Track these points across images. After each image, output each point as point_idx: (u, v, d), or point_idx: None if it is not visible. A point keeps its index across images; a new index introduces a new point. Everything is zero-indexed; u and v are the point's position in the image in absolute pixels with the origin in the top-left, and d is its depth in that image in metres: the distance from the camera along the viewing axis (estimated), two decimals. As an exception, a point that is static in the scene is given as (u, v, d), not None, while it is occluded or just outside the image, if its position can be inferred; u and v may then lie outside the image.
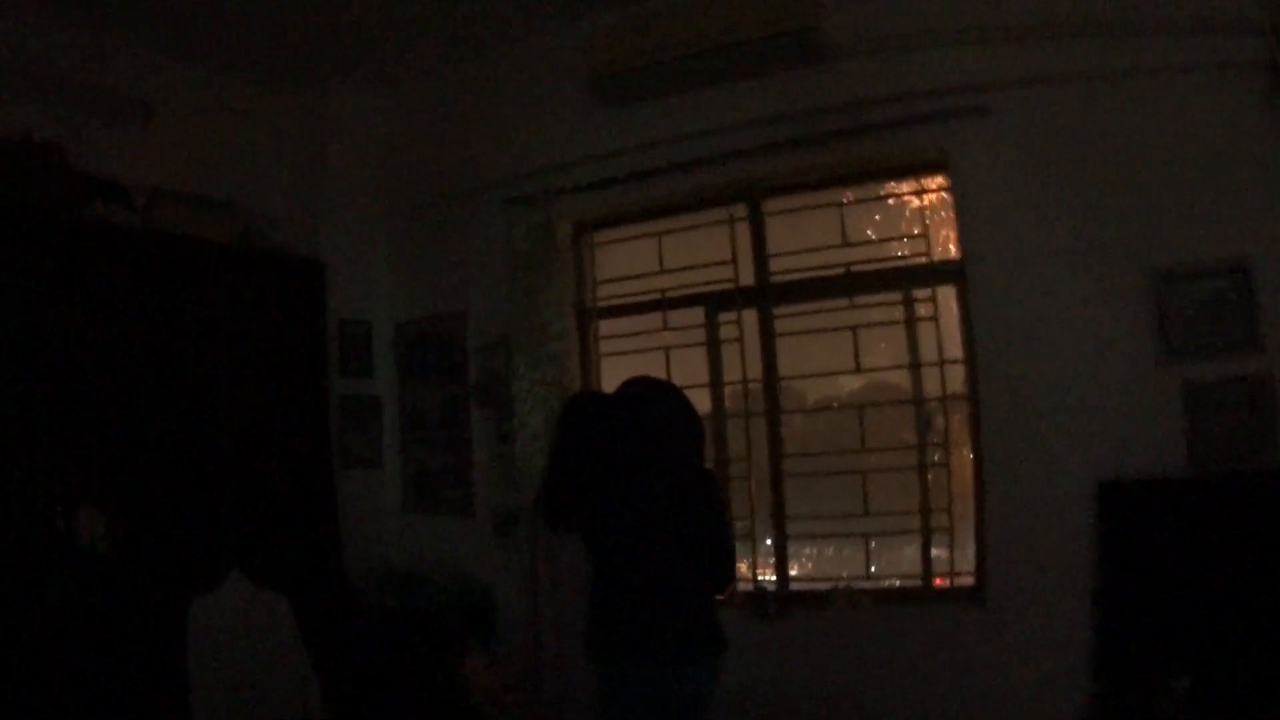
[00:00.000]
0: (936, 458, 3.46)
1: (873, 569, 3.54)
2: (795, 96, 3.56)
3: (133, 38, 3.71)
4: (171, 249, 3.56)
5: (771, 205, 3.76)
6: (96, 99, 3.60)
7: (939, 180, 3.54)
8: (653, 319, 3.89)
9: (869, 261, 3.64)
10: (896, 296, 3.56)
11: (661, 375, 3.52)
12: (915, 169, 3.57)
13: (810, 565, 3.75)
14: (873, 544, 3.55)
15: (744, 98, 3.64)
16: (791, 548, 3.64)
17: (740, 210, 3.79)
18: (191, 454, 3.48)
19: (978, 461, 3.31)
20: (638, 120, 3.81)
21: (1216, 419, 2.87)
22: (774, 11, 3.36)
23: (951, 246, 3.47)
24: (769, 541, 3.67)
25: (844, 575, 3.56)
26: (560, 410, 3.08)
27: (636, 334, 3.92)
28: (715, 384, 3.78)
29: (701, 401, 3.68)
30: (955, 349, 3.44)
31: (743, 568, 3.57)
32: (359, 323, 4.28)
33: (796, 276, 3.69)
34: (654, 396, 2.66)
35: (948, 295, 3.49)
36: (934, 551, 3.44)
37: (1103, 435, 3.01)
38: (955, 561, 3.41)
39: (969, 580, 3.34)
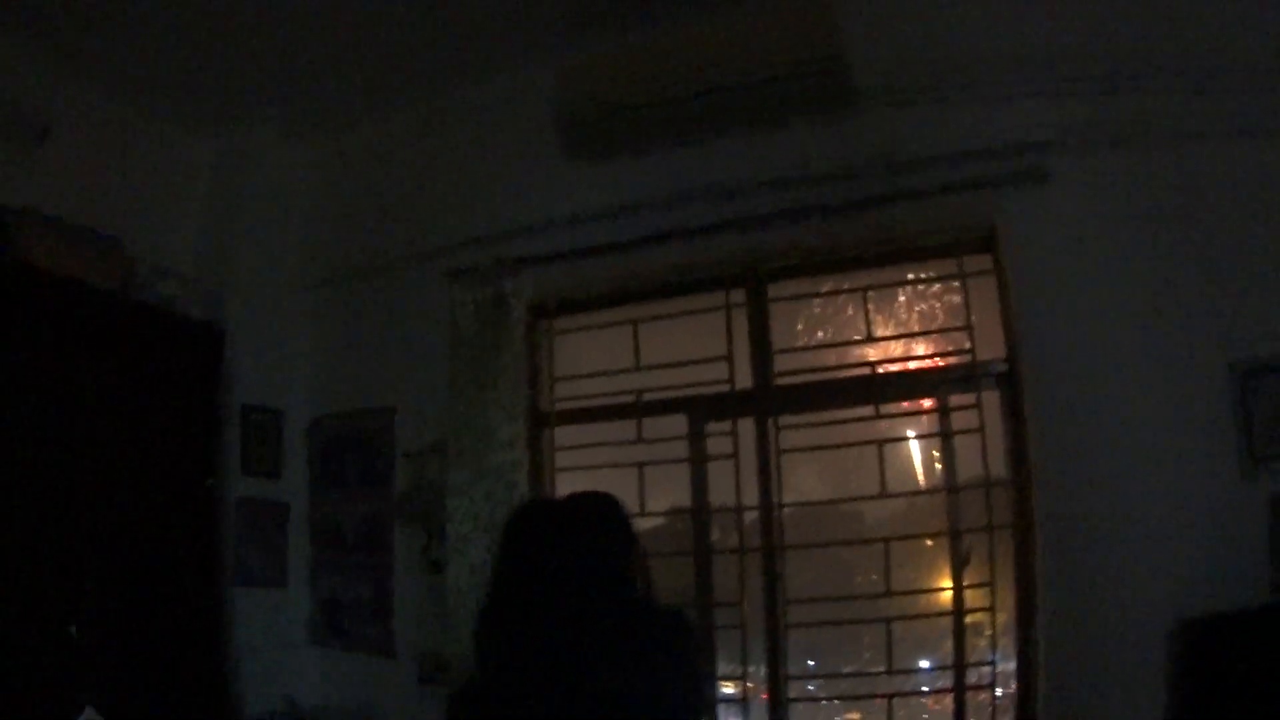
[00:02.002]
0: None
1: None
2: (811, 154, 2.97)
3: (35, 49, 3.26)
4: (30, 282, 2.93)
5: (777, 290, 3.11)
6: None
7: (984, 262, 2.95)
8: (624, 427, 3.18)
9: (896, 360, 3.04)
10: (930, 404, 2.95)
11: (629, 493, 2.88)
12: (956, 247, 2.95)
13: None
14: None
15: (748, 153, 3.04)
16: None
17: (739, 295, 3.13)
18: (39, 551, 2.81)
19: (1023, 603, 2.73)
20: (614, 178, 3.20)
21: None
22: (786, 40, 2.79)
23: (993, 343, 2.90)
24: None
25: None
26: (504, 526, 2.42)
27: (603, 445, 3.20)
28: (699, 510, 3.07)
29: (683, 532, 3.06)
30: (997, 466, 2.85)
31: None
32: (267, 411, 3.58)
33: (807, 379, 3.01)
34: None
35: (990, 401, 2.88)
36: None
37: (1180, 563, 2.55)
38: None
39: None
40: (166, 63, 3.35)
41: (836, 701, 3.02)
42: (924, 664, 3.00)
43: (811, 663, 3.04)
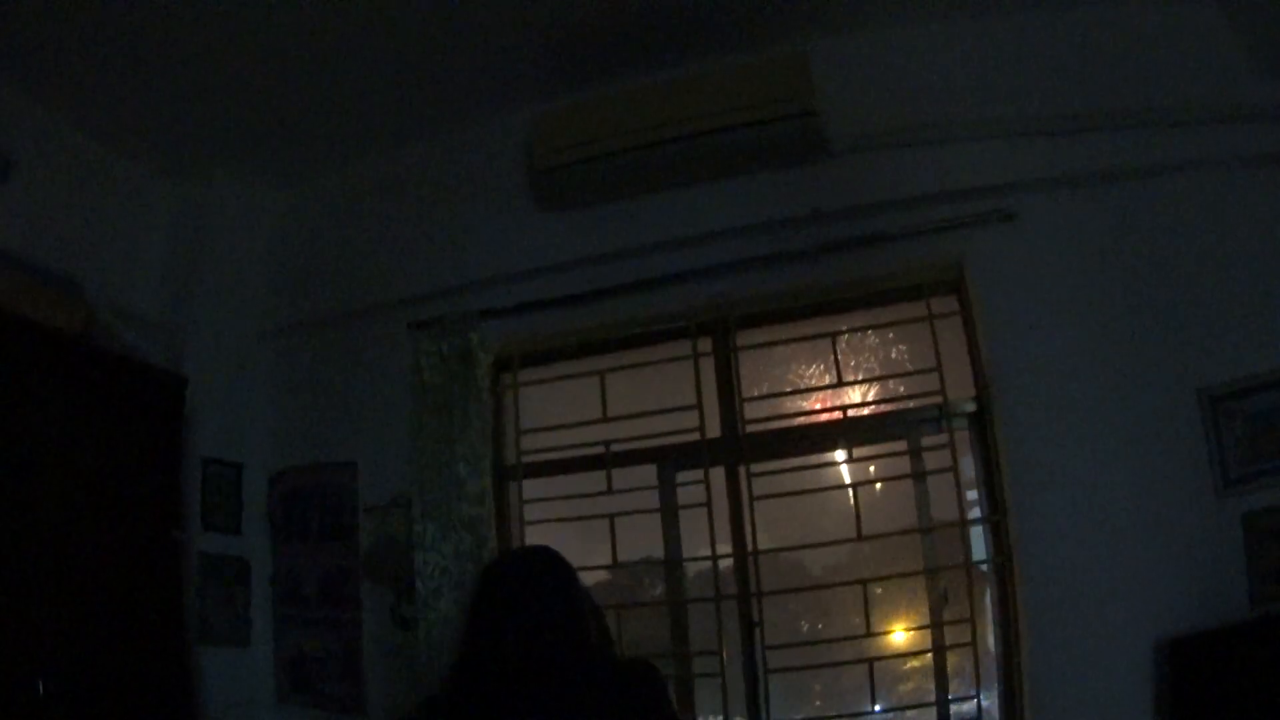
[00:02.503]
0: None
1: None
2: (780, 201, 2.95)
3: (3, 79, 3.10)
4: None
5: (745, 338, 3.06)
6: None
7: (951, 303, 2.97)
8: (594, 479, 3.10)
9: (866, 405, 3.01)
10: (902, 446, 2.91)
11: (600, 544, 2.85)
12: (923, 289, 2.94)
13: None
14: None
15: (717, 202, 3.01)
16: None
17: (706, 344, 3.07)
18: (1, 604, 2.58)
19: (1006, 636, 2.73)
20: (583, 228, 3.14)
21: (1277, 548, 2.53)
22: (760, 94, 2.76)
23: (962, 384, 2.90)
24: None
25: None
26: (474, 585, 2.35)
27: (572, 497, 3.10)
28: (672, 560, 3.00)
29: (656, 583, 3.01)
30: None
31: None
32: (227, 465, 3.44)
33: (777, 425, 2.98)
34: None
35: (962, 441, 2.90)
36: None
37: (1160, 585, 2.58)
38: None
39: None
40: (133, 105, 3.22)
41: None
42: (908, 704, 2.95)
43: (796, 717, 2.97)
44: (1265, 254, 2.72)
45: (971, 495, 2.86)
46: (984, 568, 2.81)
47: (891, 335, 3.02)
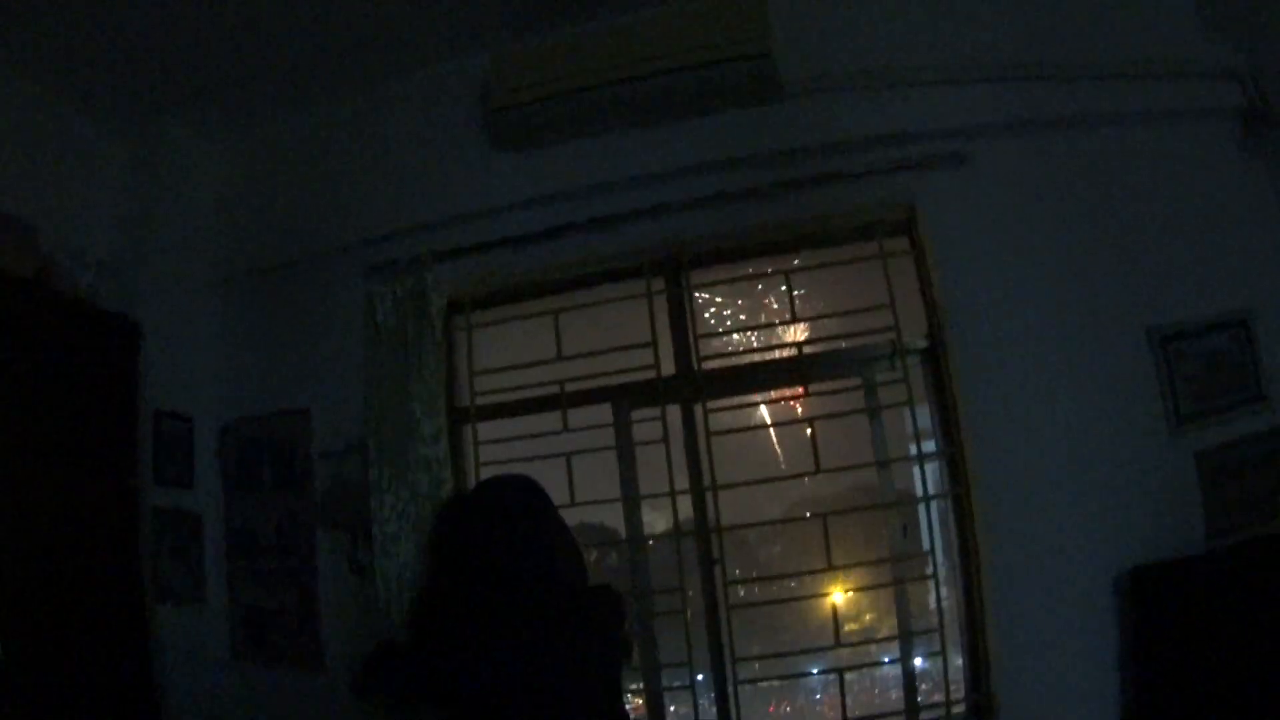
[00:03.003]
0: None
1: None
2: (736, 140, 2.96)
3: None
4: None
5: (700, 276, 3.07)
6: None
7: (903, 244, 3.00)
8: (549, 420, 3.08)
9: (821, 341, 3.04)
10: (857, 382, 2.95)
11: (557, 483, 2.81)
12: (876, 229, 2.97)
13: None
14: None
15: (672, 142, 3.01)
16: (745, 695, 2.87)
17: (660, 284, 3.07)
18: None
19: (968, 567, 2.76)
20: (540, 168, 3.12)
21: (1230, 483, 2.66)
22: (716, 36, 2.78)
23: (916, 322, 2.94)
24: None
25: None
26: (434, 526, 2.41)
27: (526, 437, 3.08)
28: (628, 497, 3.00)
29: (614, 519, 3.02)
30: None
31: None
32: (179, 418, 3.36)
33: (732, 362, 2.99)
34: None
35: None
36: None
37: (1117, 519, 2.65)
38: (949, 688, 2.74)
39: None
40: (85, 54, 3.13)
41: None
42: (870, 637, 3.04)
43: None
44: (1212, 203, 2.83)
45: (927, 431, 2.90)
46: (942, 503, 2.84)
47: (843, 276, 3.02)
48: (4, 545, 2.66)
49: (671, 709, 3.02)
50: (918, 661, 2.84)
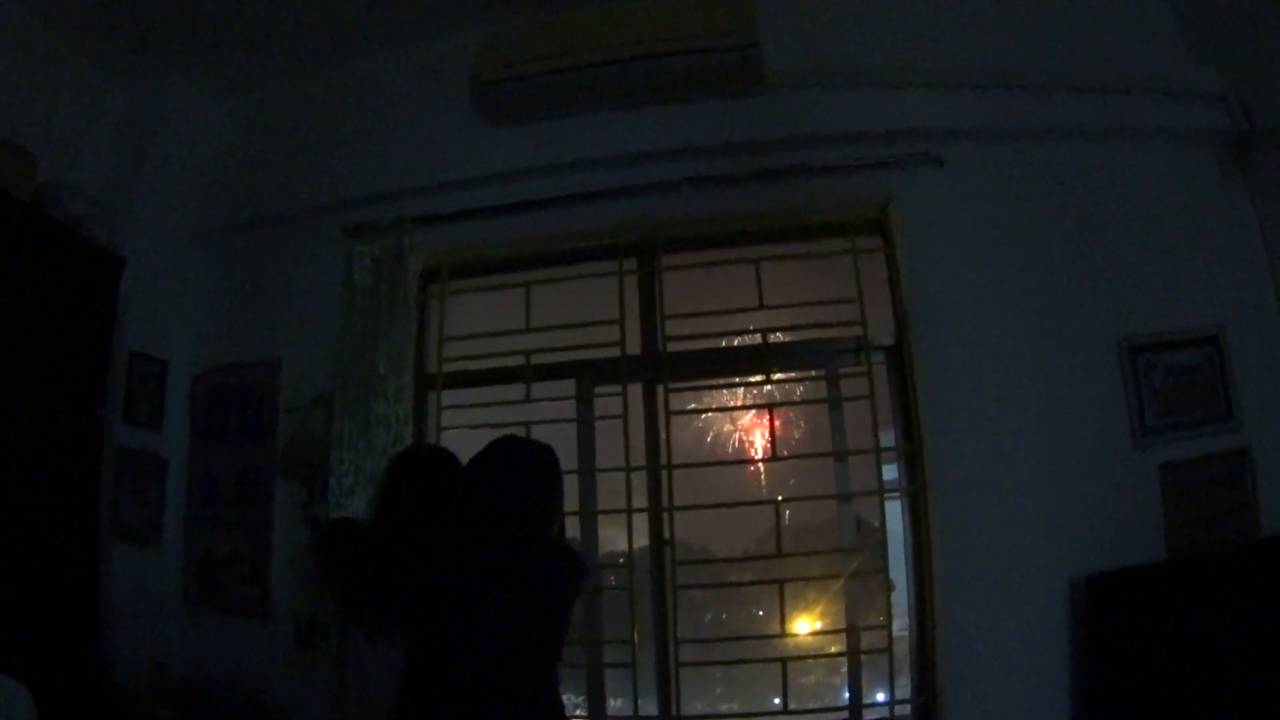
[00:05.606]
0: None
1: (791, 703, 2.82)
2: (717, 128, 3.00)
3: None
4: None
5: (672, 260, 3.09)
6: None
7: (875, 242, 3.02)
8: (513, 391, 3.10)
9: (787, 329, 3.08)
10: (819, 373, 2.99)
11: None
12: (848, 225, 3.00)
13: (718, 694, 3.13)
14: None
15: (654, 125, 3.06)
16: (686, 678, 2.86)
17: (632, 264, 3.11)
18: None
19: (921, 564, 2.77)
20: (522, 141, 3.17)
21: (1194, 499, 2.66)
22: (704, 23, 2.84)
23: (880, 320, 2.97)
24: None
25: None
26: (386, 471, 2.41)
27: (489, 405, 3.10)
28: (586, 471, 3.01)
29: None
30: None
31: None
32: (153, 361, 3.40)
33: (697, 345, 3.01)
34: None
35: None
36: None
37: (1075, 526, 2.64)
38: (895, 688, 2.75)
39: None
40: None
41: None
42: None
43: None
44: (1190, 220, 2.84)
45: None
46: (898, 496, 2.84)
47: (814, 270, 3.05)
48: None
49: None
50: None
